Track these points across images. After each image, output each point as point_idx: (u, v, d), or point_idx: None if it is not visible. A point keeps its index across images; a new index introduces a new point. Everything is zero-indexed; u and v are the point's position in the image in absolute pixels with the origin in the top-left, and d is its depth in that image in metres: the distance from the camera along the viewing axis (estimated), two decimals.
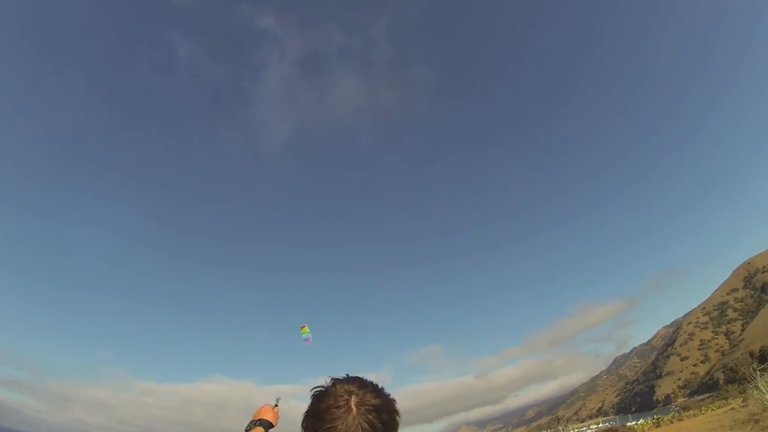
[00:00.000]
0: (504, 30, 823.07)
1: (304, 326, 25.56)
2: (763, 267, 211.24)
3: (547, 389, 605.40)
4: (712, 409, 46.18)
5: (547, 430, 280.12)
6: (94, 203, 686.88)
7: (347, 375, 1.94)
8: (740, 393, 54.81)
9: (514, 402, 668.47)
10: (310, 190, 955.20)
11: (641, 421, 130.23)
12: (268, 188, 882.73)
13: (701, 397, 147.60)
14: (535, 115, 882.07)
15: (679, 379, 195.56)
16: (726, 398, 63.44)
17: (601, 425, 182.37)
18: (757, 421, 23.72)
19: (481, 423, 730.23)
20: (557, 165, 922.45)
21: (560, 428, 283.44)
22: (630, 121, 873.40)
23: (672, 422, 55.40)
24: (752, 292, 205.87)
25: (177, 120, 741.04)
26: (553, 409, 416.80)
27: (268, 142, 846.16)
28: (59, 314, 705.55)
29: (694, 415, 48.09)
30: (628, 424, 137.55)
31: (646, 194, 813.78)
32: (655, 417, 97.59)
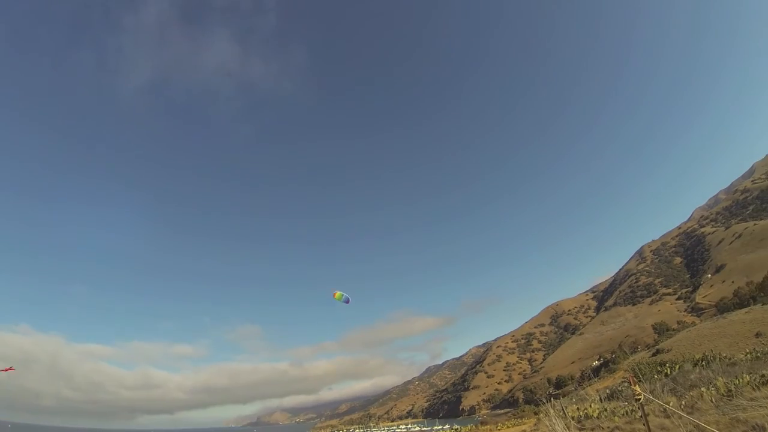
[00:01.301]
0: (389, 26, 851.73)
1: (335, 293, 27.70)
2: (569, 310, 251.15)
3: (361, 386, 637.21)
4: (507, 426, 48.56)
5: (359, 425, 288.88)
6: None
7: None
8: (535, 414, 60.19)
9: (328, 395, 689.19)
10: (155, 144, 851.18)
11: (446, 426, 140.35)
12: (115, 131, 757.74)
13: (502, 411, 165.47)
14: (395, 121, 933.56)
15: (484, 393, 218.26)
16: (522, 417, 68.67)
17: (410, 426, 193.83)
18: None
19: (295, 411, 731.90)
20: (407, 174, 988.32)
21: (372, 425, 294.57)
22: (461, 161, 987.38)
23: None
24: (556, 329, 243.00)
25: (27, 29, 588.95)
26: (365, 406, 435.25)
27: (125, 81, 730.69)
28: None
29: (490, 430, 50.39)
30: (435, 428, 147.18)
31: (476, 223, 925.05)
32: (455, 427, 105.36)
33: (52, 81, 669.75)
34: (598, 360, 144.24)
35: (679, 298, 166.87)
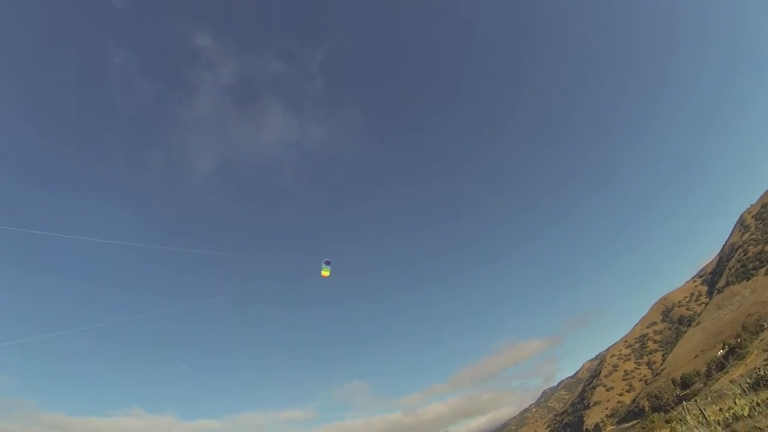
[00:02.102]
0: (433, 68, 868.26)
1: (323, 271, 32.60)
2: (679, 302, 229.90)
3: (477, 424, 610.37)
4: None
5: None
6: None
7: None
8: (667, 423, 55.10)
9: None
10: (234, 222, 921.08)
11: None
12: (190, 217, 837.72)
13: (629, 424, 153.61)
14: (465, 153, 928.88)
15: (606, 408, 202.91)
16: (652, 429, 63.80)
17: None
18: None
19: None
20: (483, 206, 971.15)
21: None
22: (551, 165, 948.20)
23: None
24: (670, 325, 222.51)
25: (100, 133, 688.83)
26: None
27: (193, 170, 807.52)
28: None
29: None
30: None
31: (565, 236, 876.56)
32: None
33: (126, 185, 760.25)
34: (723, 348, 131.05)
35: None
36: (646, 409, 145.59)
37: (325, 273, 34.06)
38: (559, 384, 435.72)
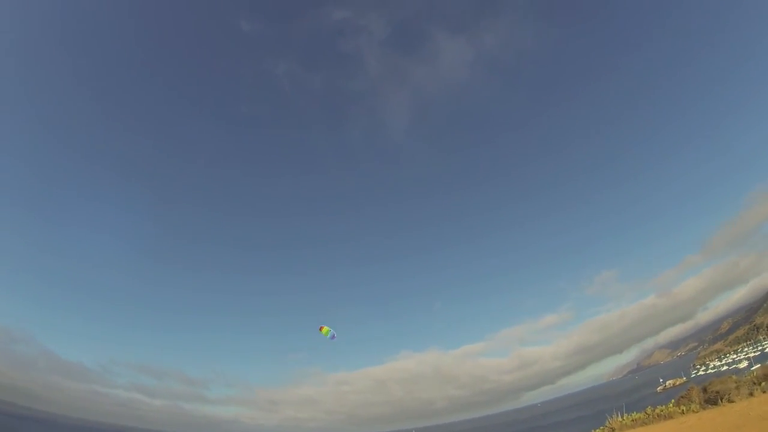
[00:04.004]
0: None
1: (322, 327, 39.06)
2: None
3: (739, 295, 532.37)
4: None
5: (746, 341, 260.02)
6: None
7: None
8: None
9: (705, 316, 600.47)
10: (446, 166, 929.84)
11: None
12: (405, 177, 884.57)
13: None
14: None
15: None
16: None
17: None
18: None
19: (674, 344, 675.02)
20: None
21: (761, 337, 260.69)
22: None
23: None
24: None
25: (294, 145, 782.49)
26: (749, 317, 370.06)
27: (392, 132, 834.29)
28: (252, 335, 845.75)
29: None
30: None
31: None
32: None
33: (334, 166, 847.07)
34: None
35: None
36: None
37: (325, 332, 37.08)
38: None
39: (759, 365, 57.55)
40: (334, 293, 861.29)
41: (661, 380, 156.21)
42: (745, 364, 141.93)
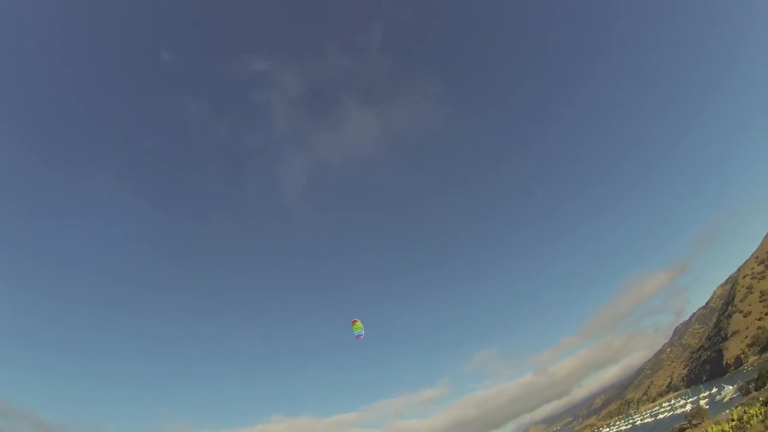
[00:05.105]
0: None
1: (355, 321, 30.43)
2: None
3: (611, 374, 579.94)
4: None
5: (618, 416, 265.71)
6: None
7: None
8: None
9: (579, 393, 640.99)
10: (338, 233, 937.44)
11: (714, 390, 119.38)
12: (296, 239, 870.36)
13: None
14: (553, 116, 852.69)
15: (746, 337, 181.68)
16: None
17: (674, 401, 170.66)
18: None
19: (550, 420, 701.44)
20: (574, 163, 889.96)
21: (632, 412, 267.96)
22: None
23: None
24: None
25: (190, 186, 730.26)
26: (621, 393, 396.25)
27: (288, 192, 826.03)
28: (117, 386, 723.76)
29: None
30: (702, 395, 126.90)
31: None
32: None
33: (227, 219, 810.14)
34: None
35: None
36: None
37: (356, 327, 34.73)
38: (691, 317, 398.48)
39: None
40: (206, 346, 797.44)
41: None
42: None
